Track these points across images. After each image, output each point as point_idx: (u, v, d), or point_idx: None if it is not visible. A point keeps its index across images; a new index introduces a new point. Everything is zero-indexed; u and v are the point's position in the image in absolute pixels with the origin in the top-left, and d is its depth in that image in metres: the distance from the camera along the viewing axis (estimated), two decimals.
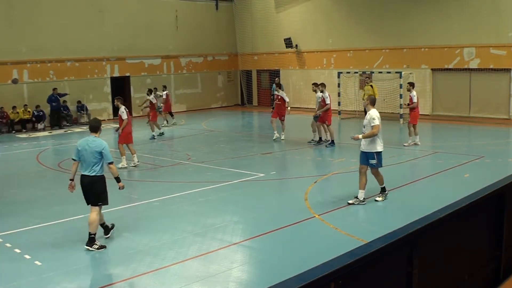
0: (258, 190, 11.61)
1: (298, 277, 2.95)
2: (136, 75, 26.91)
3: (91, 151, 7.82)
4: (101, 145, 7.89)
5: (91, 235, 7.82)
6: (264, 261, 7.46)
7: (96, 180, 7.88)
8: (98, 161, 7.86)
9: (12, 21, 22.32)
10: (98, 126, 8.18)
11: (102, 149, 7.85)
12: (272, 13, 29.17)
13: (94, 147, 7.84)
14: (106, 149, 7.88)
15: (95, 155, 7.82)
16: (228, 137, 19.10)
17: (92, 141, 7.93)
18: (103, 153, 7.85)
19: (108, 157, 7.88)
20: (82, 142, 7.98)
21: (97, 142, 7.93)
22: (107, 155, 7.88)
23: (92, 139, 7.97)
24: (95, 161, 7.84)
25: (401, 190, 10.93)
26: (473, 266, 5.13)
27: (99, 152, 7.83)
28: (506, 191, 5.35)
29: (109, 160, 7.90)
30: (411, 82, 16.44)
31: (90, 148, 7.84)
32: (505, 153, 15.26)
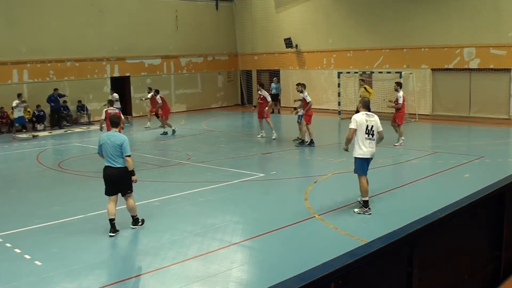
0: (258, 190, 11.61)
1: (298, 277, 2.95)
2: (136, 75, 26.91)
3: (112, 145, 8.33)
4: (120, 138, 8.40)
5: (135, 217, 8.73)
6: (264, 261, 7.46)
7: (123, 171, 8.44)
8: (120, 154, 8.37)
9: (12, 21, 22.31)
10: (118, 122, 8.86)
11: (122, 142, 8.35)
12: (272, 13, 29.17)
13: (115, 140, 8.36)
14: (125, 142, 8.38)
15: (116, 148, 8.33)
16: (228, 137, 19.10)
17: (112, 135, 8.46)
18: (122, 145, 8.34)
19: (126, 150, 8.38)
20: (103, 137, 8.55)
21: (117, 136, 8.45)
22: (126, 148, 8.37)
23: (112, 134, 8.54)
24: (117, 154, 8.37)
25: (401, 190, 10.93)
26: (473, 266, 5.13)
27: (119, 145, 8.31)
28: (506, 191, 5.35)
29: (126, 153, 8.39)
30: (399, 82, 16.49)
31: (111, 142, 8.35)
32: (505, 153, 15.27)
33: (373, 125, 8.85)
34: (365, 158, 8.93)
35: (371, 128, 8.81)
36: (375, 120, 8.92)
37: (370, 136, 8.83)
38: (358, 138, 8.84)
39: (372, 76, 24.77)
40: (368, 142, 8.82)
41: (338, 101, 24.20)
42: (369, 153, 8.88)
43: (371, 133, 8.81)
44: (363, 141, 8.79)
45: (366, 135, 8.78)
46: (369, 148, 8.84)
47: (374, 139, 8.90)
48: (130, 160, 8.45)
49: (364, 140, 8.80)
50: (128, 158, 8.39)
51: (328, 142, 17.51)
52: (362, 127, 8.77)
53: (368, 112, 9.01)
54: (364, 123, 8.79)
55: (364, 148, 8.83)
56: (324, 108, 26.77)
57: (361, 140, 8.81)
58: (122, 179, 8.49)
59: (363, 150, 8.84)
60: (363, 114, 8.90)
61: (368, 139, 8.81)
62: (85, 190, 11.67)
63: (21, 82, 22.96)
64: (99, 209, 10.00)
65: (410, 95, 23.15)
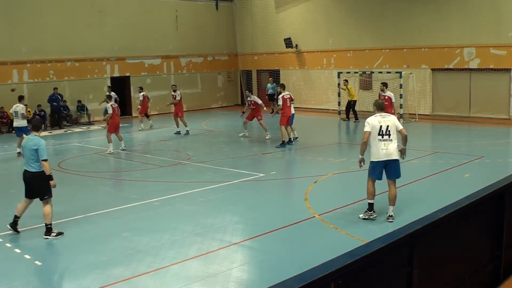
0: (258, 190, 11.61)
1: (298, 277, 2.95)
2: (136, 75, 26.91)
3: (28, 149, 8.26)
4: (36, 143, 8.26)
5: (48, 225, 8.37)
6: (264, 261, 7.45)
7: (36, 175, 8.31)
8: (35, 158, 8.25)
9: (12, 21, 22.32)
10: (39, 126, 8.73)
11: (37, 147, 8.22)
12: (272, 13, 29.17)
13: (31, 145, 8.26)
14: (41, 147, 8.22)
15: (32, 152, 8.23)
16: (228, 137, 19.10)
17: (30, 139, 8.39)
18: (38, 150, 8.21)
19: (42, 155, 8.22)
20: (23, 140, 8.50)
21: (34, 140, 8.33)
22: (41, 153, 8.22)
23: (30, 138, 8.45)
24: (32, 158, 8.25)
25: (401, 190, 10.90)
26: (473, 266, 5.13)
27: (35, 149, 8.21)
28: (506, 191, 5.35)
29: (42, 158, 8.23)
30: (384, 82, 16.50)
31: (28, 146, 8.29)
32: (505, 153, 15.26)
33: (389, 125, 8.54)
34: (380, 161, 8.60)
35: (386, 129, 8.51)
36: (391, 120, 8.65)
37: (386, 137, 8.52)
38: (372, 142, 8.61)
39: (372, 76, 24.77)
40: (383, 143, 8.51)
41: (338, 101, 24.19)
42: (384, 154, 8.54)
43: (386, 133, 8.50)
44: (377, 144, 8.51)
45: (380, 137, 8.49)
46: (384, 150, 8.52)
47: (391, 140, 8.55)
48: (47, 164, 8.28)
49: (378, 142, 8.52)
50: (44, 162, 8.23)
51: (328, 142, 17.51)
52: (374, 129, 8.50)
53: (382, 113, 8.78)
54: (377, 124, 8.51)
55: (378, 152, 8.54)
56: (324, 108, 26.77)
57: (375, 143, 8.54)
58: (35, 183, 8.36)
59: (377, 154, 8.56)
60: (376, 116, 8.65)
61: (383, 140, 8.52)
62: (85, 190, 11.67)
63: (21, 82, 22.95)
64: (99, 209, 10.02)
65: (410, 95, 23.16)
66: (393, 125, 8.56)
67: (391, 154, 8.55)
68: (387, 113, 8.93)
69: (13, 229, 8.54)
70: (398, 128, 8.63)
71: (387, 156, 8.54)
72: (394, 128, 8.55)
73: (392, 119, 8.68)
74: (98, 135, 21.43)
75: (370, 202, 8.86)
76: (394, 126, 8.57)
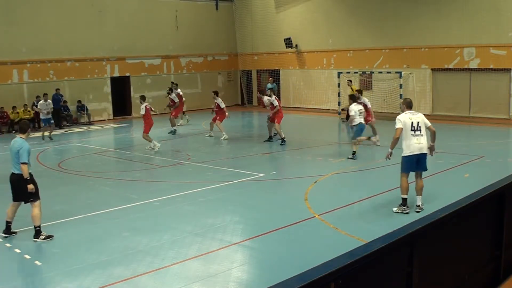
0: (258, 190, 11.61)
1: (298, 277, 2.95)
2: (136, 75, 26.90)
3: (13, 151, 8.30)
4: (19, 145, 8.28)
5: (36, 228, 8.27)
6: (264, 261, 7.46)
7: (19, 178, 8.30)
8: (17, 160, 8.27)
9: (12, 21, 22.31)
10: (25, 128, 8.64)
11: (18, 149, 8.23)
12: (272, 13, 29.17)
13: (15, 147, 8.29)
14: (22, 149, 8.21)
15: (15, 154, 8.26)
16: (228, 137, 19.09)
17: (14, 142, 8.41)
18: (19, 152, 8.22)
19: (21, 157, 8.20)
20: (11, 143, 8.51)
21: (17, 142, 8.35)
22: (21, 155, 8.20)
23: (15, 140, 8.46)
24: (15, 160, 8.29)
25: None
26: (473, 266, 5.13)
27: (16, 152, 8.24)
28: (506, 191, 5.36)
29: (21, 160, 8.22)
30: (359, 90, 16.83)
31: (13, 148, 8.33)
32: (505, 153, 15.27)
33: (419, 121, 9.02)
34: (412, 155, 9.01)
35: (417, 124, 8.98)
36: (420, 117, 9.12)
37: (418, 132, 8.97)
38: (405, 137, 9.01)
39: (372, 76, 24.77)
40: (415, 138, 8.96)
41: (338, 101, 24.20)
42: (417, 148, 8.96)
43: (418, 129, 8.98)
44: (410, 139, 8.95)
45: (413, 132, 8.95)
46: (417, 144, 8.96)
47: (422, 135, 9.02)
48: (25, 167, 8.21)
49: (411, 137, 8.96)
50: (22, 165, 8.16)
51: (328, 142, 17.51)
52: (406, 125, 8.96)
53: (411, 110, 9.23)
54: (408, 121, 8.98)
55: (411, 146, 8.96)
56: (324, 108, 26.78)
57: (408, 138, 8.98)
58: (18, 186, 8.33)
59: (410, 148, 8.98)
60: (406, 114, 9.12)
61: (415, 135, 8.96)
62: (85, 190, 11.67)
63: (21, 82, 22.96)
64: (99, 209, 10.02)
65: (410, 95, 23.14)
66: (422, 122, 9.06)
67: (424, 147, 9.02)
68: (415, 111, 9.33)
69: (9, 234, 8.49)
70: (427, 125, 9.13)
71: (420, 150, 8.99)
72: (423, 124, 9.05)
73: (421, 116, 9.15)
74: (98, 135, 21.44)
75: (404, 197, 9.16)
76: (424, 122, 9.07)
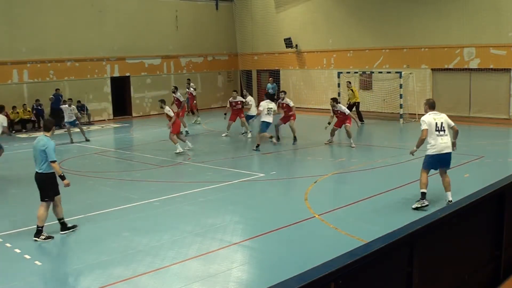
0: (258, 190, 11.61)
1: (298, 277, 2.95)
2: (136, 75, 26.90)
3: (38, 150, 8.28)
4: (44, 144, 8.25)
5: (39, 227, 8.28)
6: (264, 261, 7.46)
7: (42, 176, 8.32)
8: (43, 158, 8.26)
9: (12, 21, 22.31)
10: (50, 126, 8.63)
11: (45, 148, 8.21)
12: (272, 13, 29.17)
13: (40, 145, 8.26)
14: (49, 148, 8.20)
15: (41, 153, 8.24)
16: (228, 137, 19.09)
17: (39, 140, 8.39)
18: (46, 151, 8.21)
19: (50, 156, 8.22)
20: (35, 141, 8.49)
21: (43, 141, 8.31)
22: (49, 154, 8.21)
23: (40, 138, 8.44)
24: (40, 158, 8.26)
25: (401, 190, 10.93)
26: (473, 266, 5.13)
27: (43, 150, 8.22)
28: (506, 191, 5.35)
29: (51, 159, 8.23)
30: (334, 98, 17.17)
31: (37, 147, 8.30)
32: (505, 153, 15.26)
33: (442, 121, 9.34)
34: (437, 155, 9.30)
35: (441, 125, 9.31)
36: (443, 117, 9.43)
37: (442, 132, 9.30)
38: (429, 137, 9.30)
39: (372, 76, 24.77)
40: (440, 138, 9.28)
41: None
42: (442, 148, 9.29)
43: (442, 129, 9.31)
44: (435, 138, 9.26)
45: (437, 132, 9.27)
46: (442, 143, 9.28)
47: (446, 134, 9.35)
48: (56, 165, 8.29)
49: (436, 137, 9.27)
50: (53, 164, 8.24)
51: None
52: (431, 126, 9.26)
53: (434, 111, 9.48)
54: (432, 121, 9.28)
55: (436, 145, 9.26)
56: (324, 108, 26.74)
57: (433, 138, 9.28)
58: (40, 184, 8.39)
59: (435, 148, 9.29)
60: (430, 114, 9.42)
61: (439, 135, 9.28)
62: (85, 190, 11.66)
63: (21, 82, 22.96)
64: (99, 209, 10.02)
65: (410, 95, 23.16)
66: (446, 122, 9.40)
67: (448, 147, 9.38)
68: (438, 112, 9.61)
69: (66, 229, 8.57)
70: (450, 124, 9.47)
71: (444, 149, 9.34)
72: (447, 124, 9.40)
73: (444, 116, 9.48)
74: (98, 135, 21.44)
75: (424, 191, 9.39)
76: (447, 122, 9.42)
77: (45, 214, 8.34)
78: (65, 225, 8.58)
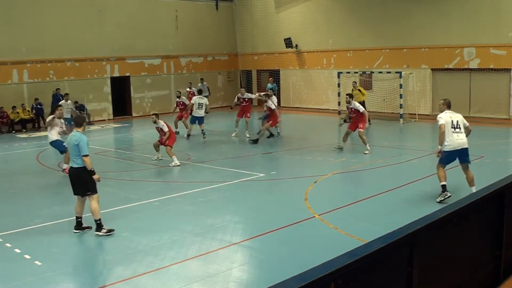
0: (258, 190, 11.61)
1: (298, 277, 2.95)
2: (136, 75, 26.91)
3: (72, 145, 8.44)
4: (77, 139, 8.42)
5: (97, 221, 8.43)
6: (264, 261, 7.45)
7: (80, 171, 8.45)
8: (77, 153, 8.41)
9: (12, 21, 22.32)
10: (81, 122, 8.79)
11: (78, 142, 8.38)
12: (272, 13, 29.17)
13: (74, 140, 8.44)
14: (82, 142, 8.38)
15: (74, 148, 8.40)
16: (228, 137, 19.10)
17: (73, 135, 8.57)
18: (79, 145, 8.37)
19: (83, 150, 8.39)
20: (68, 137, 8.71)
21: (76, 136, 8.49)
22: (82, 148, 8.38)
23: (73, 134, 8.62)
24: (75, 153, 8.42)
25: (401, 190, 10.94)
26: (473, 266, 5.13)
27: (76, 145, 8.38)
28: (506, 191, 5.35)
29: (83, 153, 8.39)
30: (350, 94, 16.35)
31: (71, 142, 8.48)
32: (505, 153, 15.26)
33: (458, 120, 9.75)
34: (453, 150, 9.66)
35: (457, 123, 9.71)
36: (459, 116, 9.85)
37: (458, 130, 9.69)
38: (446, 134, 9.64)
39: (372, 76, 24.77)
40: (456, 134, 9.66)
41: (338, 101, 24.18)
42: (458, 144, 9.63)
43: (458, 126, 9.70)
44: (451, 135, 9.63)
45: (453, 129, 9.65)
46: (458, 140, 9.64)
47: (462, 132, 9.73)
48: (88, 159, 8.41)
49: (452, 134, 9.64)
50: (85, 158, 8.38)
51: (328, 142, 17.50)
52: (448, 124, 9.64)
53: (450, 110, 9.89)
54: (449, 119, 9.68)
55: (452, 142, 9.61)
56: (324, 108, 26.78)
57: (449, 134, 9.63)
58: (78, 179, 8.50)
59: (451, 144, 9.63)
60: (446, 113, 9.82)
61: (455, 132, 9.67)
62: None
63: (21, 82, 22.96)
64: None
65: (410, 95, 23.16)
66: (461, 121, 9.82)
67: (464, 143, 9.75)
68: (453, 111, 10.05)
69: (81, 229, 8.63)
70: (466, 124, 9.91)
71: (461, 145, 9.69)
72: (462, 123, 9.80)
73: (460, 116, 9.93)
74: (98, 135, 21.43)
75: (443, 184, 9.75)
76: (463, 122, 9.83)
77: (98, 206, 8.47)
78: (80, 224, 8.66)
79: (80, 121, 8.81)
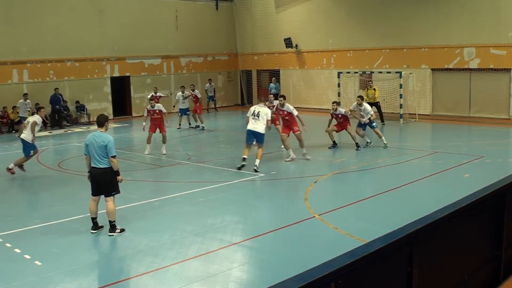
0: (258, 190, 11.61)
1: (298, 277, 2.95)
2: (136, 75, 26.91)
3: (97, 146, 8.32)
4: (105, 139, 8.36)
5: (112, 222, 8.44)
6: (264, 261, 7.45)
7: (107, 172, 8.41)
8: (105, 154, 8.35)
9: (12, 21, 22.31)
10: (103, 122, 8.67)
11: (107, 143, 8.32)
12: (272, 13, 29.16)
13: (100, 141, 8.34)
14: (110, 143, 8.35)
15: (102, 148, 8.31)
16: (228, 137, 19.10)
17: (98, 136, 8.43)
18: (107, 146, 8.31)
19: (111, 151, 8.35)
20: (89, 137, 8.52)
21: (103, 136, 8.42)
22: (111, 149, 8.34)
23: (98, 134, 8.48)
24: (102, 154, 8.34)
25: (401, 190, 10.94)
26: (473, 266, 5.12)
27: (104, 145, 8.31)
28: (506, 191, 5.35)
29: (111, 154, 8.36)
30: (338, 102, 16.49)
31: (96, 143, 8.34)
32: (505, 153, 15.26)
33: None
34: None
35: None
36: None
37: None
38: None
39: (372, 76, 24.76)
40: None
41: (339, 101, 24.15)
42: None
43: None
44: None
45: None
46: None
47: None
48: (115, 160, 8.40)
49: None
50: (113, 159, 8.35)
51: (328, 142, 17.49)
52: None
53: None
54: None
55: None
56: (324, 108, 26.73)
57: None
58: (105, 180, 8.46)
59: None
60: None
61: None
62: (85, 190, 11.58)
63: (21, 82, 22.96)
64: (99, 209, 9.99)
65: (410, 95, 23.16)
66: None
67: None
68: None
69: (98, 229, 8.64)
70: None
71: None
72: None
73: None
74: None
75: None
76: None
77: (115, 207, 8.48)
78: (96, 225, 8.67)
79: (102, 121, 8.63)
